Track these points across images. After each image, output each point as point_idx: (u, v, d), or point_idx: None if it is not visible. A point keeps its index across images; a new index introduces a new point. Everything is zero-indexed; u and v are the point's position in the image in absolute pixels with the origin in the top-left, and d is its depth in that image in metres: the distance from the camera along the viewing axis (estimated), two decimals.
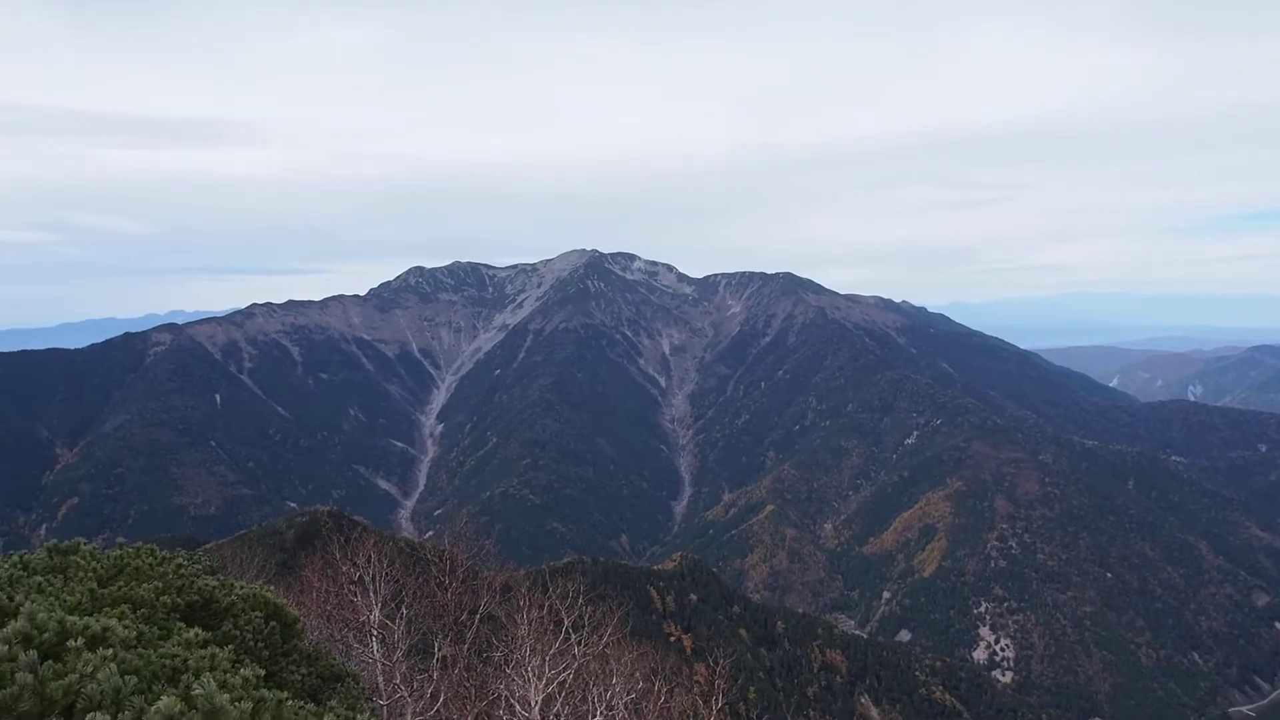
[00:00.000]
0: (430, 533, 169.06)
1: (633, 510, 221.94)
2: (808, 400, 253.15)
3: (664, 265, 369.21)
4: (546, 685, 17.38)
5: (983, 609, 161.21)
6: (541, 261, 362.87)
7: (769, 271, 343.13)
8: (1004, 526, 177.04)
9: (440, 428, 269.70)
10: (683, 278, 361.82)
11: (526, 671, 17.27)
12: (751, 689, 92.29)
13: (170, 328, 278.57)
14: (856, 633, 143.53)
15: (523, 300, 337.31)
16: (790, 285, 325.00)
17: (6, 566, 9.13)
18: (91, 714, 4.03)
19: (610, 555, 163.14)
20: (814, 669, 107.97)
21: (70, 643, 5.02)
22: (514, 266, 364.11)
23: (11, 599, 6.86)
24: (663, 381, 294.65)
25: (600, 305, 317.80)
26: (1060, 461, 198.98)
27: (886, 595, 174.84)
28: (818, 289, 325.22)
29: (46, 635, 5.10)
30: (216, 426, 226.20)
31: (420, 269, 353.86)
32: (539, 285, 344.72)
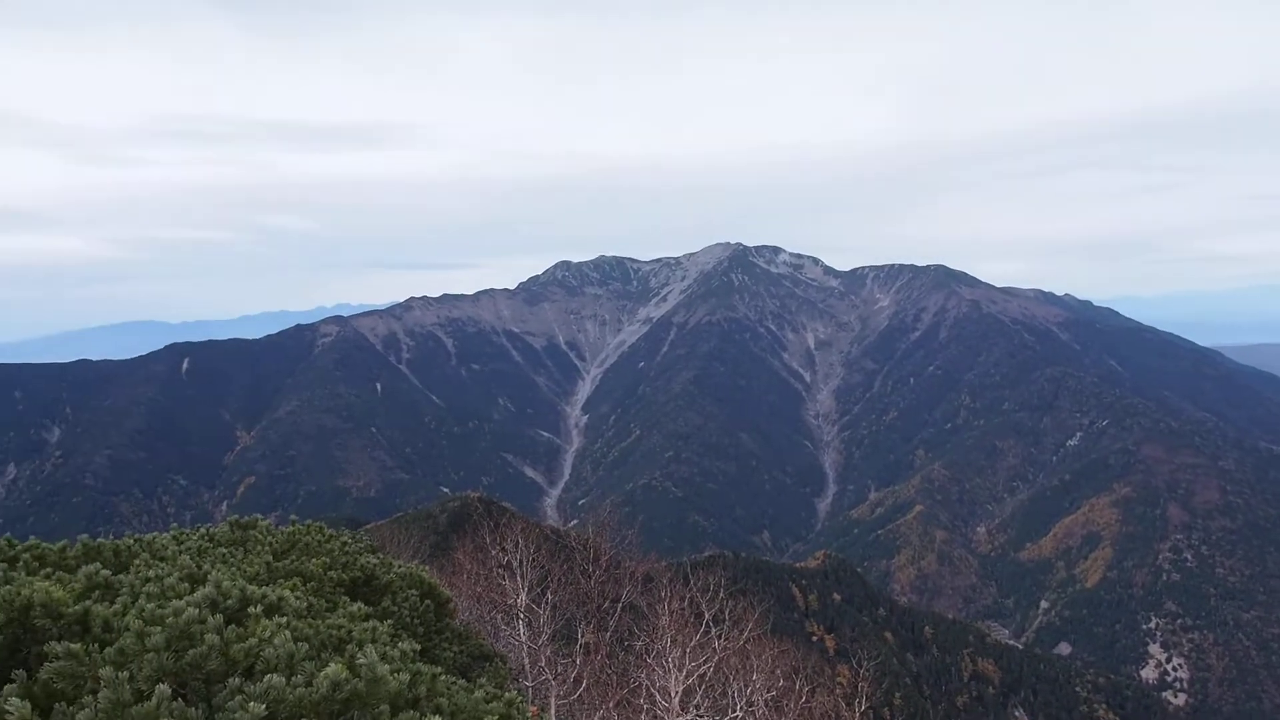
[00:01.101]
0: (574, 521, 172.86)
1: (775, 506, 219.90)
2: (960, 397, 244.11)
3: (809, 258, 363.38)
4: (687, 677, 17.48)
5: (1153, 624, 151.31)
6: (685, 255, 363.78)
7: (920, 264, 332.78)
8: (1178, 537, 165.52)
9: (585, 419, 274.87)
10: (829, 270, 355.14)
11: (667, 662, 17.42)
12: (897, 694, 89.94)
13: (336, 320, 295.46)
14: (1011, 642, 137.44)
15: (666, 294, 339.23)
16: (942, 278, 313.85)
17: (195, 538, 9.95)
18: (269, 675, 4.36)
19: (751, 551, 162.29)
20: (964, 678, 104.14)
21: (250, 610, 5.45)
22: (658, 260, 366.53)
23: (200, 567, 7.49)
24: (807, 376, 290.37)
25: (744, 298, 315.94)
26: (1244, 469, 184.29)
27: (1044, 605, 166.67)
28: (972, 282, 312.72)
29: (230, 602, 5.55)
30: (377, 413, 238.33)
31: (567, 263, 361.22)
32: (683, 279, 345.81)
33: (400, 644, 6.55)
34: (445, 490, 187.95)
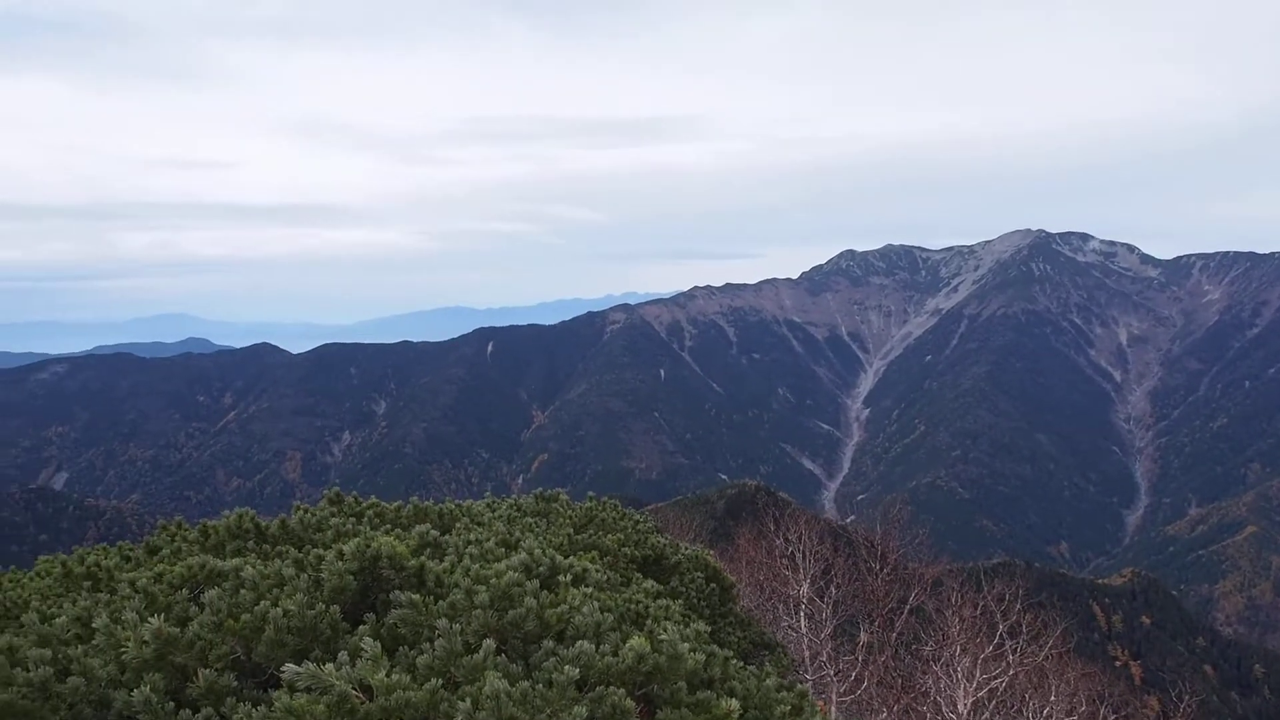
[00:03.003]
0: (852, 517, 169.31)
1: (1074, 515, 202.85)
2: None
3: (1123, 245, 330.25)
4: (977, 689, 16.56)
5: None
6: (979, 243, 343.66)
7: (1260, 251, 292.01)
8: None
9: (866, 412, 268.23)
10: (1146, 259, 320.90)
11: (956, 671, 16.58)
12: None
13: (624, 308, 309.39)
14: None
15: (957, 284, 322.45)
16: None
17: (505, 507, 10.76)
18: (579, 641, 4.56)
19: (1046, 562, 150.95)
20: None
21: (560, 578, 5.76)
22: (949, 249, 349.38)
23: (512, 534, 8.06)
24: (1117, 375, 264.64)
25: (1045, 289, 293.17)
26: None
27: None
28: None
29: (541, 569, 5.90)
30: (659, 399, 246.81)
31: (851, 252, 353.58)
32: (976, 268, 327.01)
33: (694, 624, 6.66)
34: (723, 477, 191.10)
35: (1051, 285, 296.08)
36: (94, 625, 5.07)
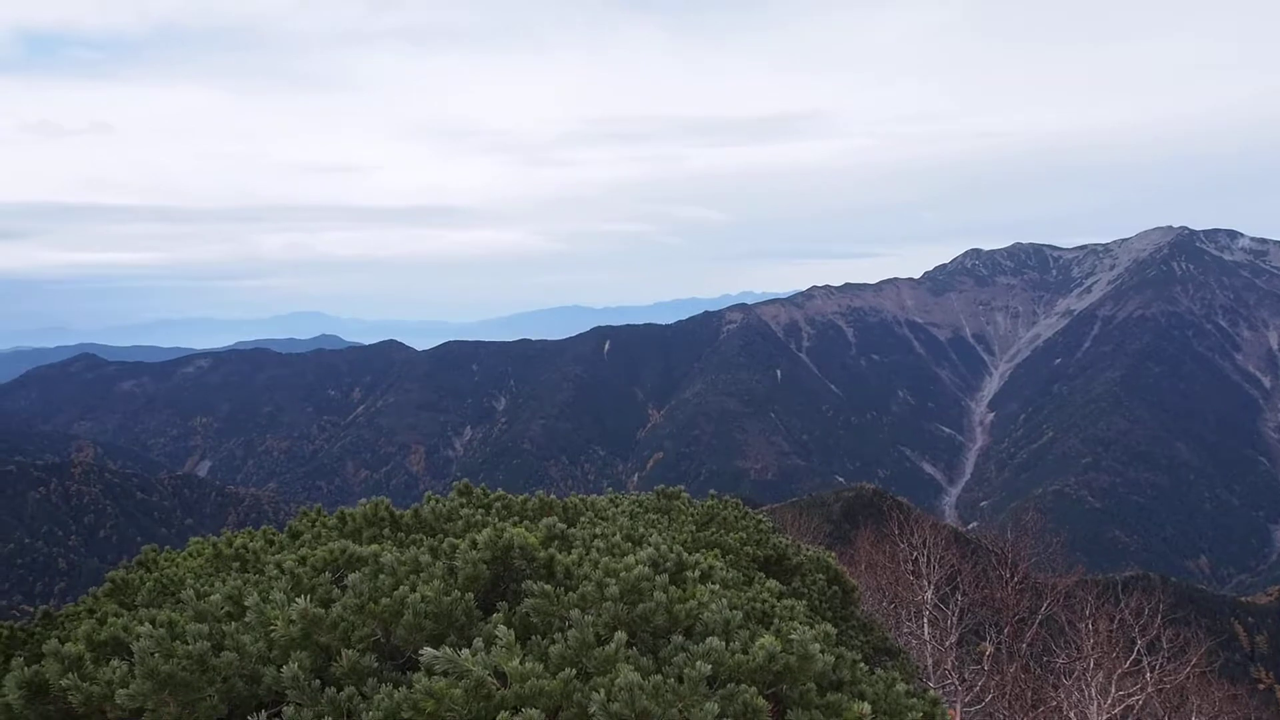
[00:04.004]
0: (974, 524, 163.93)
1: (1216, 529, 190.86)
2: None
3: (1275, 243, 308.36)
4: (1111, 706, 15.77)
5: None
6: (1115, 241, 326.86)
7: None
8: None
9: (991, 416, 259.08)
10: None
11: (1089, 686, 15.83)
12: None
13: (741, 307, 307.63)
14: None
15: (1091, 284, 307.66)
16: None
17: (627, 503, 10.85)
18: (709, 638, 4.54)
19: (1184, 576, 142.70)
20: None
21: (687, 574, 5.76)
22: (1082, 247, 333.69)
23: (635, 530, 8.11)
24: (1266, 382, 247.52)
25: (1187, 290, 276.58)
26: None
27: None
28: None
29: (668, 564, 5.91)
30: (776, 399, 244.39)
31: (977, 251, 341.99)
32: (1111, 267, 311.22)
33: (820, 625, 6.55)
34: (840, 479, 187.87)
35: (1195, 286, 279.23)
36: (245, 604, 5.35)
